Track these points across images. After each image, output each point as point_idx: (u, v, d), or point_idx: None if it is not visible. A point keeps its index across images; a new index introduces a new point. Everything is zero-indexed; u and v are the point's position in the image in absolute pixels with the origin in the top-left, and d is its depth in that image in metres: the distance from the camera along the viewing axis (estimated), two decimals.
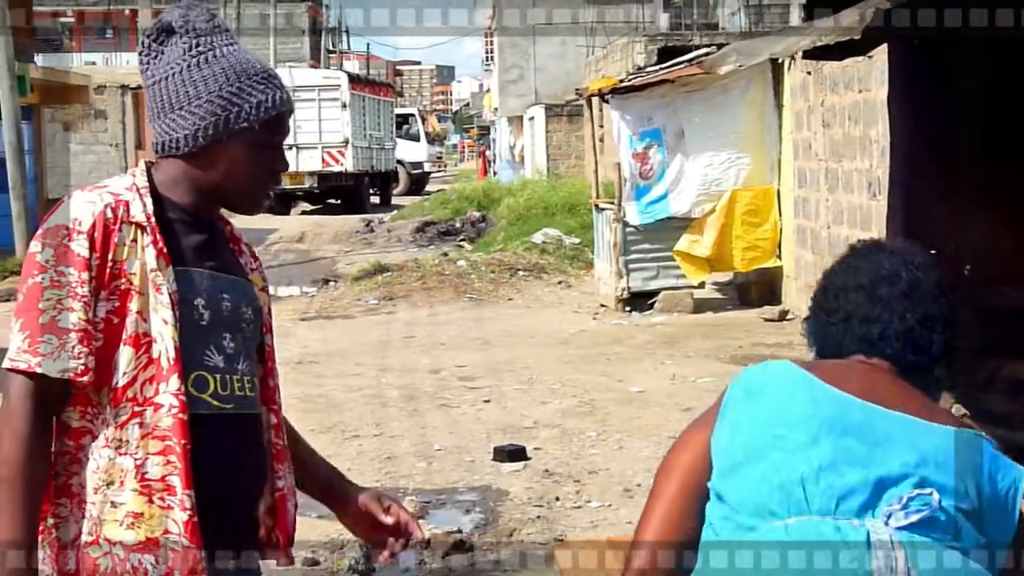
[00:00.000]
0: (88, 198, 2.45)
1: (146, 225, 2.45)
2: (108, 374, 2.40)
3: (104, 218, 2.42)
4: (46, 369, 2.34)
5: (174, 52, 2.55)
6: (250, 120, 2.51)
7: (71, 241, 2.39)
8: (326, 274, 18.88)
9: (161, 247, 2.45)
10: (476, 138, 73.82)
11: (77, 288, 2.37)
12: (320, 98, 33.35)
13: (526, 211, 22.68)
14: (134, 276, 2.41)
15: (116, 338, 2.41)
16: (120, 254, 2.42)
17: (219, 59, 2.54)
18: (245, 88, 2.53)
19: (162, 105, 2.54)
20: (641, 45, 22.17)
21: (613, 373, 10.55)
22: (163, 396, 2.40)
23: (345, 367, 11.24)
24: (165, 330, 2.41)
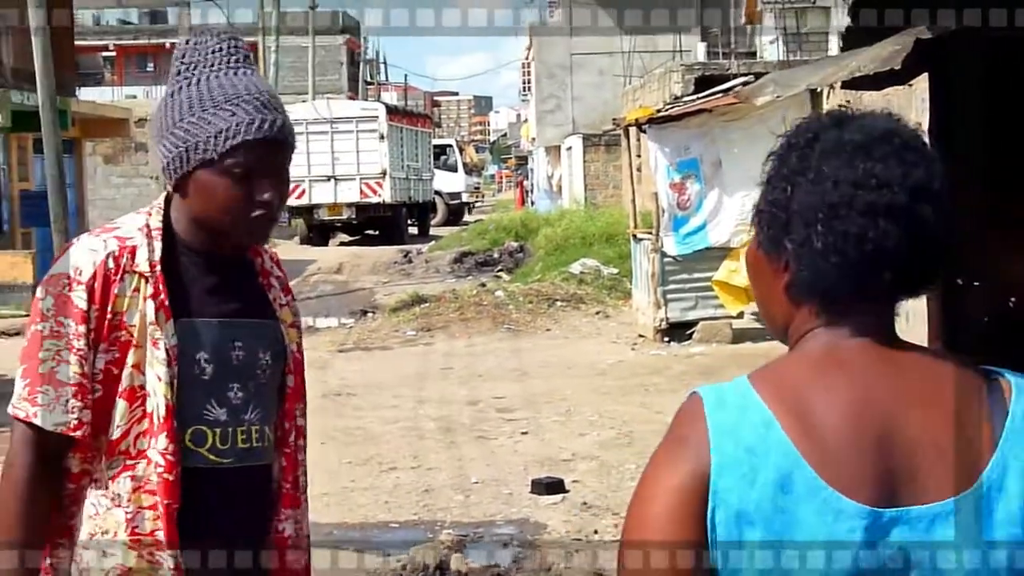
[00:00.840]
0: (92, 245, 2.40)
1: (148, 275, 2.39)
2: (106, 424, 2.39)
3: (105, 268, 2.36)
4: (42, 421, 2.34)
5: (169, 82, 2.49)
6: (208, 150, 2.37)
7: (71, 291, 2.35)
8: (364, 305, 18.89)
9: (163, 299, 2.39)
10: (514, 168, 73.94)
11: (74, 341, 2.34)
12: (358, 129, 33.52)
13: (564, 241, 22.65)
14: (134, 328, 2.37)
15: (114, 390, 2.39)
16: (121, 305, 2.37)
17: (191, 87, 2.42)
18: (207, 117, 2.38)
19: (152, 137, 2.52)
20: (678, 75, 22.17)
21: (651, 404, 10.49)
22: (153, 452, 2.37)
23: (382, 399, 11.22)
24: (158, 387, 2.37)
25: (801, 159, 1.63)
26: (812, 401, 1.57)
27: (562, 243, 22.56)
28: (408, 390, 11.66)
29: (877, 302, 1.63)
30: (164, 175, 2.45)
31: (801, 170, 1.62)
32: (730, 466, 1.55)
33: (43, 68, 17.41)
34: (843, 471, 1.53)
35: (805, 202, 1.60)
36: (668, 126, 14.07)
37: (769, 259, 1.67)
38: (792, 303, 1.67)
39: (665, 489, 1.58)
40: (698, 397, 1.61)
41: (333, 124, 33.54)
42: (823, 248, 1.59)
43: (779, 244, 1.64)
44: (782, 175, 1.64)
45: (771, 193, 1.66)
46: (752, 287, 1.76)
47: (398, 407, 10.82)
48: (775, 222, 1.64)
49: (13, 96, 21.86)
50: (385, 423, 10.11)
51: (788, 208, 1.62)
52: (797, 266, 1.62)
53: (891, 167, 1.60)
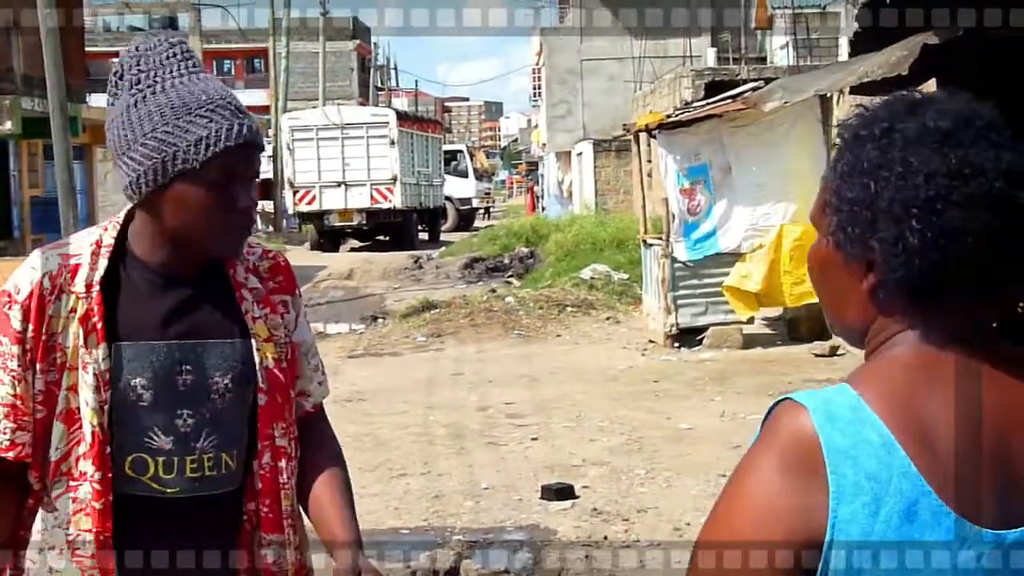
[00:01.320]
0: (33, 263, 2.33)
1: (84, 296, 2.30)
2: (46, 447, 2.33)
3: (40, 288, 2.29)
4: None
5: (123, 91, 2.34)
6: (189, 160, 2.25)
7: (9, 310, 2.29)
8: (375, 311, 18.90)
9: (95, 322, 2.29)
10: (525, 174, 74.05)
11: (8, 361, 2.28)
12: (368, 135, 33.58)
13: (574, 247, 22.66)
14: (68, 350, 2.30)
15: (51, 413, 2.32)
16: (55, 326, 2.29)
17: (158, 95, 2.29)
18: (183, 125, 2.26)
19: (114, 151, 2.34)
20: (688, 80, 22.15)
21: (662, 410, 10.48)
22: (90, 474, 2.31)
23: (393, 405, 11.22)
24: (86, 412, 2.30)
25: (882, 152, 1.53)
26: (926, 417, 1.48)
27: (572, 249, 22.56)
28: (418, 396, 11.66)
29: (976, 301, 1.53)
30: (131, 190, 2.31)
31: (885, 164, 1.52)
32: (851, 494, 1.44)
33: (53, 75, 17.48)
34: (964, 494, 1.45)
35: (895, 198, 1.50)
36: (678, 132, 14.07)
37: (847, 260, 1.57)
38: (877, 305, 1.56)
39: (771, 508, 1.46)
40: (802, 408, 1.49)
41: (344, 130, 33.59)
42: (920, 246, 1.49)
43: (863, 244, 1.54)
44: (861, 170, 1.54)
45: (850, 190, 1.55)
46: (820, 289, 1.65)
47: (408, 413, 10.82)
48: (857, 221, 1.54)
49: (24, 102, 21.96)
50: (395, 429, 10.12)
51: (873, 205, 1.52)
52: (887, 266, 1.52)
53: (982, 152, 1.51)
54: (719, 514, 1.52)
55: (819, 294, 1.66)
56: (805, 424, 1.47)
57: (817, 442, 1.45)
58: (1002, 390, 1.51)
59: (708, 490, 7.83)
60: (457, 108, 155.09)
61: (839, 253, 1.57)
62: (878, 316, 1.57)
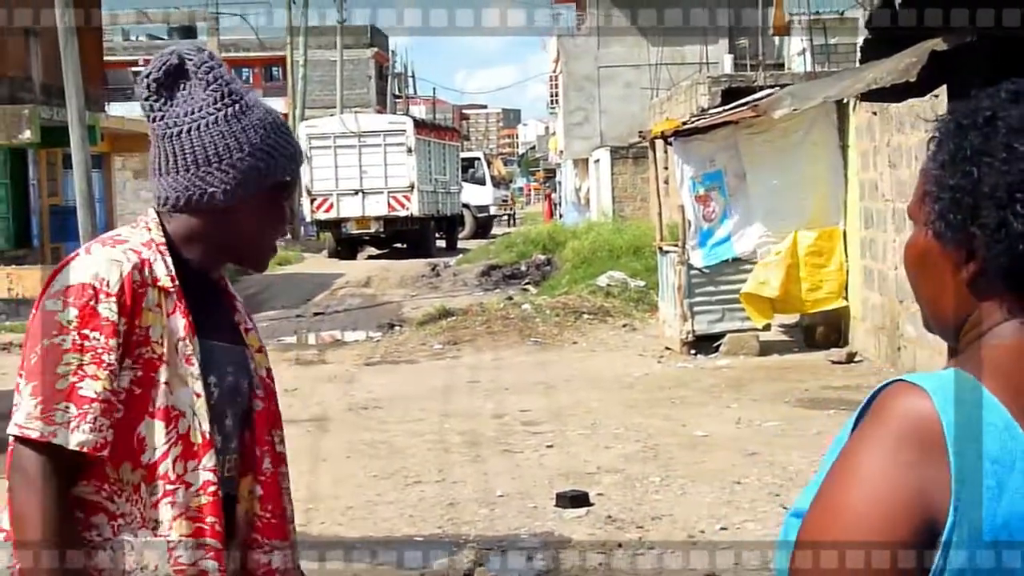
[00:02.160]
0: (113, 255, 2.26)
1: (172, 289, 2.28)
2: (130, 448, 2.24)
3: (132, 280, 2.23)
4: (62, 440, 2.15)
5: (201, 99, 2.36)
6: (284, 173, 2.39)
7: (98, 303, 2.19)
8: (392, 318, 18.92)
9: (188, 314, 2.29)
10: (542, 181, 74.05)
11: (104, 355, 2.18)
12: (386, 143, 33.65)
13: (591, 254, 22.65)
14: (158, 344, 2.24)
15: (139, 410, 2.23)
16: (146, 320, 2.24)
17: (253, 109, 2.38)
18: (279, 141, 2.39)
19: (193, 157, 2.33)
20: (705, 87, 22.14)
21: (677, 417, 10.47)
22: (193, 474, 2.25)
23: (409, 412, 11.23)
24: (198, 404, 2.26)
25: (985, 139, 1.52)
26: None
27: (589, 256, 22.55)
28: (434, 403, 11.67)
29: None
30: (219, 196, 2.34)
31: (988, 150, 1.52)
32: (973, 476, 1.42)
33: (72, 84, 17.56)
34: None
35: (998, 183, 1.50)
36: (693, 139, 14.07)
37: (946, 249, 1.55)
38: (976, 295, 1.55)
39: (890, 489, 1.43)
40: (919, 389, 1.46)
41: (361, 138, 33.67)
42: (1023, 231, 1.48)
43: (964, 231, 1.52)
44: (963, 158, 1.53)
45: (951, 177, 1.54)
46: (917, 283, 1.62)
47: (424, 420, 10.83)
48: (959, 208, 1.53)
49: (43, 112, 22.05)
50: (411, 436, 10.12)
51: (976, 191, 1.51)
52: (990, 252, 1.50)
53: None
54: (833, 498, 1.47)
55: (915, 288, 1.64)
56: (925, 405, 1.44)
57: (938, 423, 1.43)
58: None
59: (723, 497, 7.82)
60: (475, 115, 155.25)
61: (938, 243, 1.56)
62: (977, 307, 1.55)
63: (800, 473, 8.29)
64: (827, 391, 11.34)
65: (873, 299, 12.66)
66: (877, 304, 12.47)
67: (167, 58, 2.38)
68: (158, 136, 2.37)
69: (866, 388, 10.95)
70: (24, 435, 2.16)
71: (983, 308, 1.54)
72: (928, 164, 1.61)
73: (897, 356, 11.77)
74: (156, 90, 2.37)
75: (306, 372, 14.10)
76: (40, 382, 2.17)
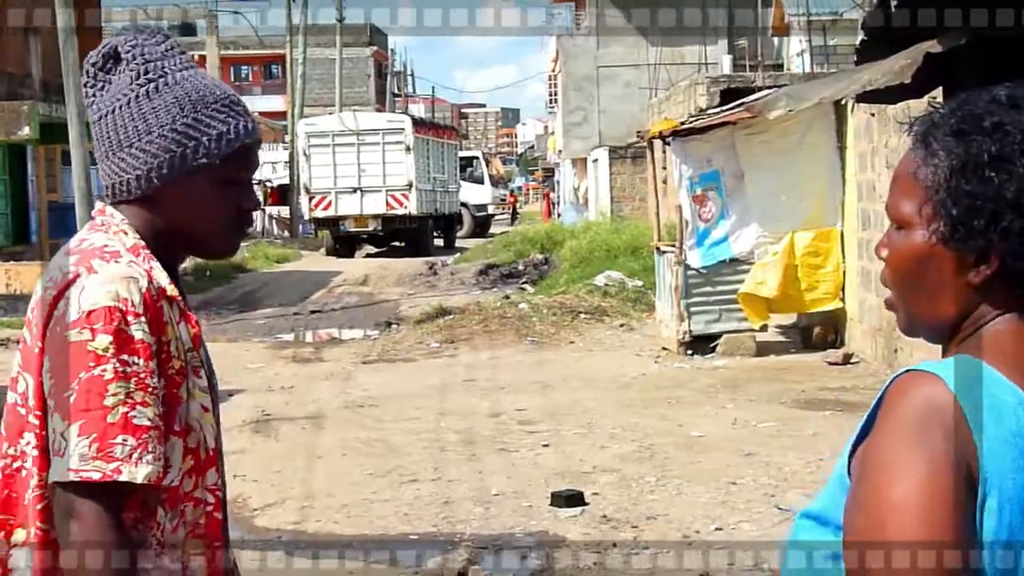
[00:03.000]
0: (125, 272, 2.10)
1: (176, 297, 2.16)
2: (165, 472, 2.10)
3: (151, 296, 2.10)
4: (129, 475, 1.98)
5: (122, 81, 2.21)
6: (210, 155, 2.18)
7: (128, 326, 2.04)
8: (389, 317, 18.92)
9: (195, 322, 2.18)
10: (541, 180, 74.07)
11: (147, 379, 2.04)
12: (384, 142, 33.63)
13: (589, 253, 22.65)
14: (177, 359, 2.12)
15: (169, 430, 2.11)
16: (168, 334, 2.11)
17: (172, 87, 2.19)
18: (203, 118, 2.18)
19: (110, 143, 2.20)
20: (703, 87, 22.15)
21: (673, 417, 10.47)
22: (200, 491, 2.15)
23: (405, 411, 11.23)
24: (204, 418, 2.15)
25: (1000, 145, 1.57)
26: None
27: (587, 255, 22.56)
28: (430, 402, 11.67)
29: None
30: (134, 183, 2.19)
31: (1006, 156, 1.56)
32: (998, 450, 1.48)
33: (72, 80, 17.55)
34: None
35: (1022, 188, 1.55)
36: (691, 139, 14.08)
37: (956, 253, 1.60)
38: (985, 296, 1.61)
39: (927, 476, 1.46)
40: (932, 376, 1.53)
41: (360, 136, 33.66)
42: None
43: (983, 236, 1.57)
44: (980, 163, 1.57)
45: (967, 183, 1.58)
46: (910, 286, 1.66)
47: (420, 419, 10.83)
48: (979, 213, 1.57)
49: (41, 108, 22.04)
50: (407, 435, 10.12)
51: (998, 198, 1.56)
52: (1014, 256, 1.56)
53: None
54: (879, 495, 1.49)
55: (904, 292, 1.67)
56: (940, 390, 1.50)
57: (957, 405, 1.49)
58: None
59: (719, 498, 7.82)
60: (473, 114, 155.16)
61: (944, 246, 1.60)
62: (978, 306, 1.61)
63: (795, 474, 8.29)
64: (823, 392, 11.34)
65: (870, 300, 12.66)
66: (874, 305, 12.47)
67: (105, 44, 2.26)
68: (92, 124, 2.27)
69: (862, 389, 10.99)
70: (83, 478, 1.97)
71: (984, 307, 1.61)
72: (917, 169, 1.63)
73: (894, 357, 11.78)
74: (93, 75, 2.25)
75: (303, 370, 14.10)
76: (87, 419, 1.99)
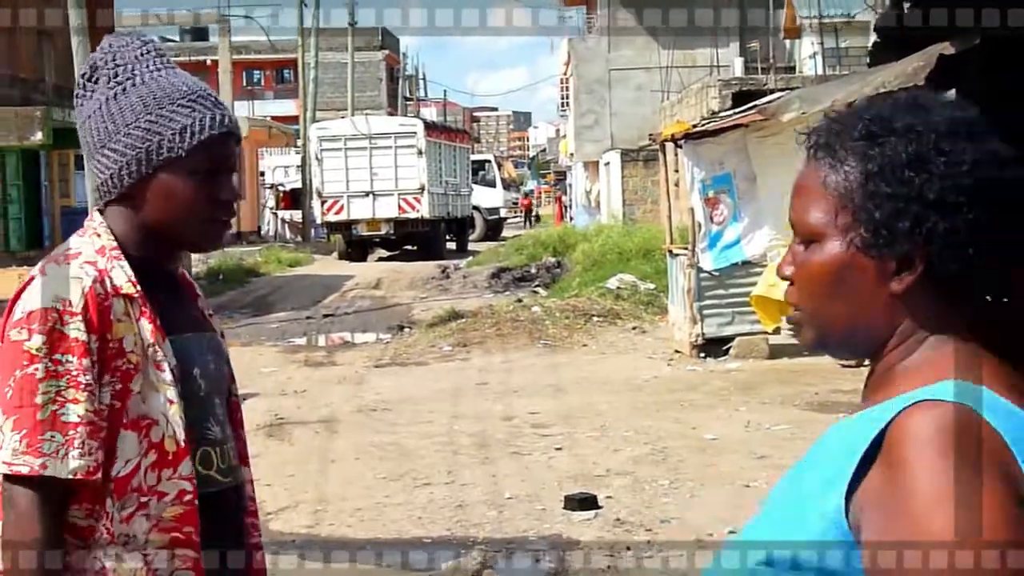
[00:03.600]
0: (70, 272, 2.18)
1: (135, 295, 2.21)
2: (110, 463, 2.16)
3: (95, 294, 2.16)
4: (54, 471, 2.08)
5: (98, 88, 2.30)
6: (174, 149, 2.23)
7: (64, 325, 2.12)
8: (401, 320, 18.93)
9: (155, 320, 2.21)
10: (553, 183, 74.07)
11: (79, 377, 2.11)
12: (396, 145, 33.68)
13: (601, 256, 22.65)
14: (132, 354, 2.17)
15: (118, 423, 2.16)
16: (118, 331, 2.16)
17: (137, 87, 2.27)
18: (166, 114, 2.25)
19: (88, 147, 2.29)
20: (715, 90, 22.13)
21: (687, 420, 10.46)
22: (168, 483, 2.18)
23: (418, 414, 11.24)
24: (171, 411, 2.19)
25: (918, 145, 1.49)
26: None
27: (599, 258, 22.55)
28: (443, 405, 11.67)
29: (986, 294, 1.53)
30: (111, 183, 2.28)
31: (925, 155, 1.48)
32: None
33: None
34: None
35: (944, 187, 1.47)
36: (703, 142, 14.06)
37: (877, 261, 1.51)
38: (908, 305, 1.52)
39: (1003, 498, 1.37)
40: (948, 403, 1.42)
41: (372, 140, 33.71)
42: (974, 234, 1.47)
43: (905, 240, 1.49)
44: (898, 164, 1.49)
45: (887, 186, 1.49)
46: (831, 299, 1.56)
47: (433, 422, 10.83)
48: (902, 216, 1.48)
49: (54, 113, 22.10)
50: (420, 438, 10.13)
51: (920, 198, 1.47)
52: (939, 260, 1.48)
53: (998, 142, 1.52)
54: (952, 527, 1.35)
55: (821, 306, 1.57)
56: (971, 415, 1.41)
57: (991, 427, 1.41)
58: None
59: (732, 501, 7.81)
60: (485, 118, 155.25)
61: (863, 255, 1.51)
62: (905, 317, 1.52)
63: None
64: (837, 395, 11.32)
65: None
66: None
67: (92, 56, 2.34)
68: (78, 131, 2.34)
69: None
70: (14, 472, 2.08)
71: (914, 318, 1.52)
72: (825, 177, 1.56)
73: None
74: (83, 86, 2.33)
75: (315, 374, 14.12)
76: (19, 416, 2.09)
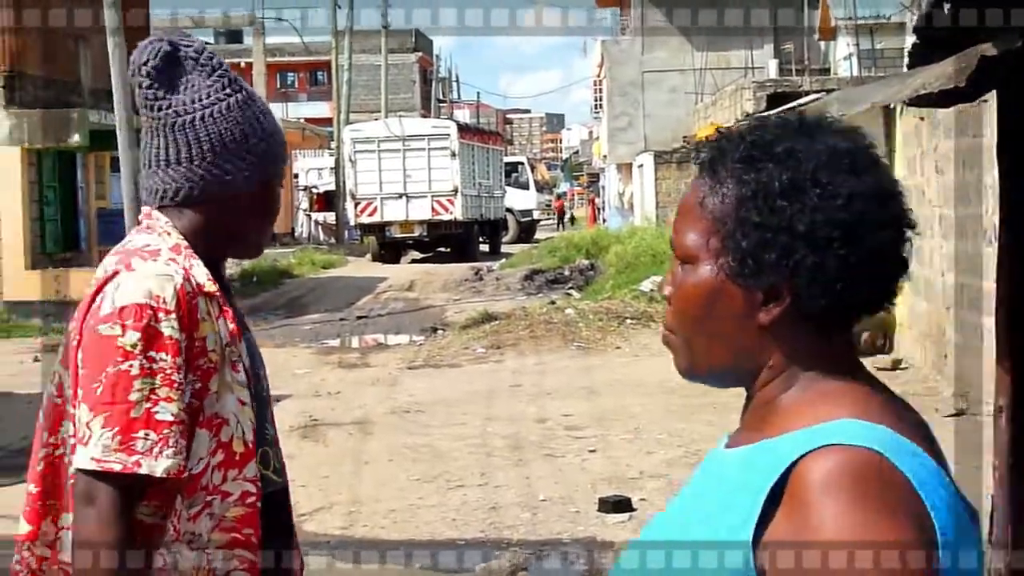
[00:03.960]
0: (161, 270, 2.18)
1: (216, 293, 2.22)
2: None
3: (185, 293, 2.16)
4: (148, 469, 2.08)
5: (206, 86, 2.30)
6: (278, 163, 2.37)
7: (159, 323, 2.12)
8: (435, 322, 18.96)
9: (236, 317, 2.24)
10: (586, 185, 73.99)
11: (173, 375, 2.11)
12: (430, 147, 33.70)
13: (634, 259, 22.61)
14: (213, 353, 2.18)
15: (194, 422, 2.17)
16: (202, 331, 2.18)
17: (255, 98, 2.35)
18: (278, 128, 2.39)
19: (211, 145, 2.26)
20: (750, 92, 22.06)
21: (720, 423, 10.41)
22: (233, 484, 2.19)
23: (451, 416, 11.24)
24: (242, 412, 2.20)
25: (794, 173, 1.43)
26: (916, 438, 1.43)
27: (632, 261, 22.52)
28: (477, 407, 11.67)
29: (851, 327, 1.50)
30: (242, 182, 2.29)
31: (798, 186, 1.43)
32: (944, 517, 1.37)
33: (120, 87, 17.69)
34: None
35: (815, 220, 1.41)
36: None
37: (744, 290, 1.46)
38: (775, 337, 1.47)
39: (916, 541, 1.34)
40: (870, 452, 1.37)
41: (405, 142, 33.75)
42: (843, 270, 1.42)
43: (774, 272, 1.43)
44: (771, 193, 1.44)
45: (758, 214, 1.44)
46: (699, 325, 1.51)
47: (466, 424, 10.83)
48: (769, 246, 1.43)
49: (91, 115, 22.21)
50: (453, 440, 10.13)
51: (790, 230, 1.42)
52: (808, 292, 1.43)
53: (882, 175, 1.48)
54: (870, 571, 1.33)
55: (691, 332, 1.53)
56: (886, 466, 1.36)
57: (906, 479, 1.37)
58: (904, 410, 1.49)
59: None
60: (518, 120, 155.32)
61: (732, 283, 1.47)
62: (775, 350, 1.48)
63: None
64: None
65: (919, 306, 12.56)
66: (923, 311, 12.37)
67: (158, 45, 2.31)
68: (164, 126, 2.29)
69: (911, 396, 10.85)
70: (105, 468, 2.07)
71: (782, 350, 1.48)
72: (704, 199, 1.50)
73: (943, 363, 11.67)
74: (156, 78, 2.29)
75: (349, 375, 14.15)
76: (111, 412, 2.09)
